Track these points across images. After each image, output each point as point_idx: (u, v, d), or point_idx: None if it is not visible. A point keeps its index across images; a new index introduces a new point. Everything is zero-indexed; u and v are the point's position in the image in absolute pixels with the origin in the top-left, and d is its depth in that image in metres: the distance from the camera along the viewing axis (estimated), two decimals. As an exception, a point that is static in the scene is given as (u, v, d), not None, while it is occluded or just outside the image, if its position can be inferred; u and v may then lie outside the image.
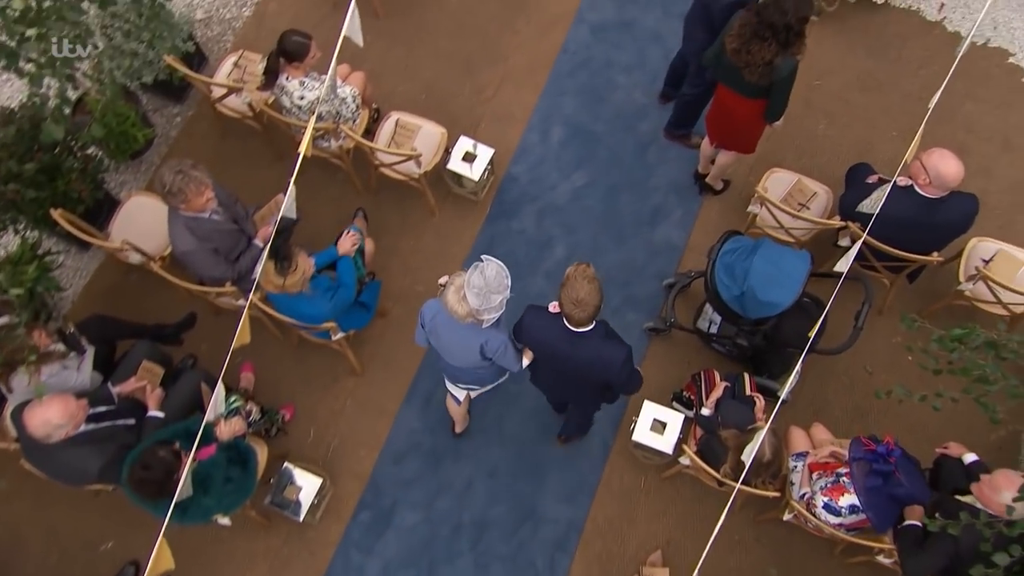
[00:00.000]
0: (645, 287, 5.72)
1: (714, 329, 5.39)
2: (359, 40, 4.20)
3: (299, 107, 5.25)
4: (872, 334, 5.45)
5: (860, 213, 4.85)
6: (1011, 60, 6.16)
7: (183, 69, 5.49)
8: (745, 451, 4.02)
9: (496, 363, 4.30)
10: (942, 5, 6.29)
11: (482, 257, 3.89)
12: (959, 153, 5.84)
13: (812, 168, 5.86)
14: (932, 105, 4.51)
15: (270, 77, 5.24)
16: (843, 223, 4.95)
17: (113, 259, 5.62)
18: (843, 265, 4.26)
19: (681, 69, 5.72)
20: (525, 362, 4.38)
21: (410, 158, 5.23)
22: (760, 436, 3.96)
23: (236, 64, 5.89)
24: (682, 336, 5.55)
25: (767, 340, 4.97)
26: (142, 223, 5.38)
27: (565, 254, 5.80)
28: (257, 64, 5.79)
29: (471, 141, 5.69)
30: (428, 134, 5.66)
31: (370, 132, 5.84)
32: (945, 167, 4.52)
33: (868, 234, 4.70)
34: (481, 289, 3.84)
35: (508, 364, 4.30)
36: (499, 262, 3.90)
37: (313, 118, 4.21)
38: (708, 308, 5.43)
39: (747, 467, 3.98)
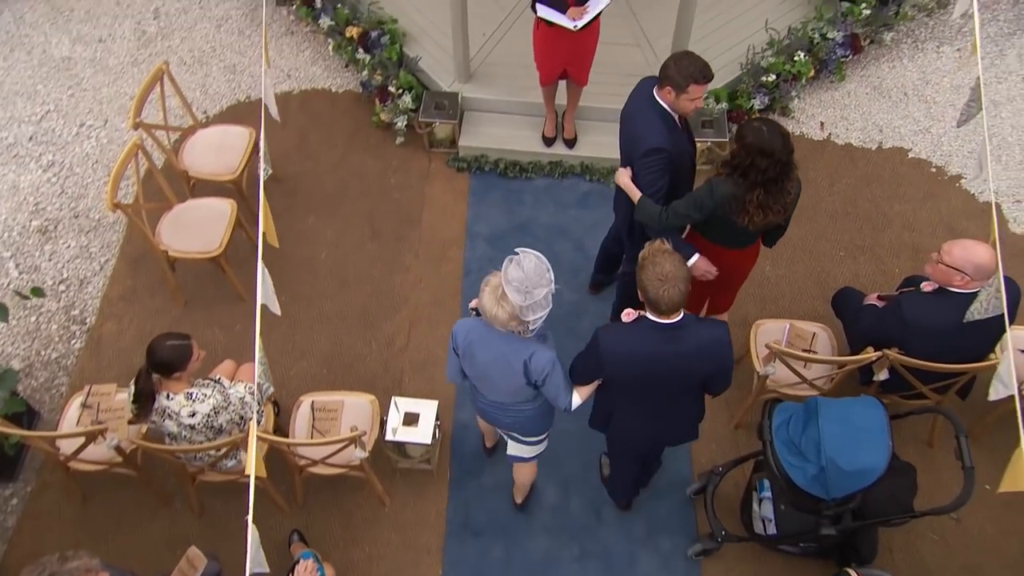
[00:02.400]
0: (664, 503, 4.68)
1: (772, 529, 4.36)
2: (276, 309, 3.24)
3: (191, 427, 4.01)
4: (931, 471, 4.65)
5: (887, 338, 4.17)
6: (911, 155, 5.98)
7: (16, 432, 4.17)
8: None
9: (543, 393, 3.67)
10: (822, 124, 6.11)
11: (517, 250, 3.39)
12: (915, 253, 5.56)
13: (783, 313, 5.24)
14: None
15: (145, 402, 4.01)
16: (879, 353, 4.22)
17: None
18: (998, 391, 3.60)
19: (615, 249, 5.02)
20: (577, 400, 3.67)
21: (352, 441, 4.05)
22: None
23: (85, 405, 4.57)
24: (737, 549, 4.49)
25: (857, 518, 4.00)
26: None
27: (555, 497, 4.71)
28: (113, 396, 4.55)
29: (406, 400, 4.62)
30: (355, 407, 4.54)
31: (279, 430, 4.65)
32: (977, 255, 3.95)
33: (913, 355, 4.04)
34: (522, 283, 3.31)
35: (557, 392, 3.62)
36: (537, 253, 3.39)
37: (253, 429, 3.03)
38: (755, 505, 4.44)
39: None
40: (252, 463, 3.33)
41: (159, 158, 5.80)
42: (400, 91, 5.87)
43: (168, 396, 4.01)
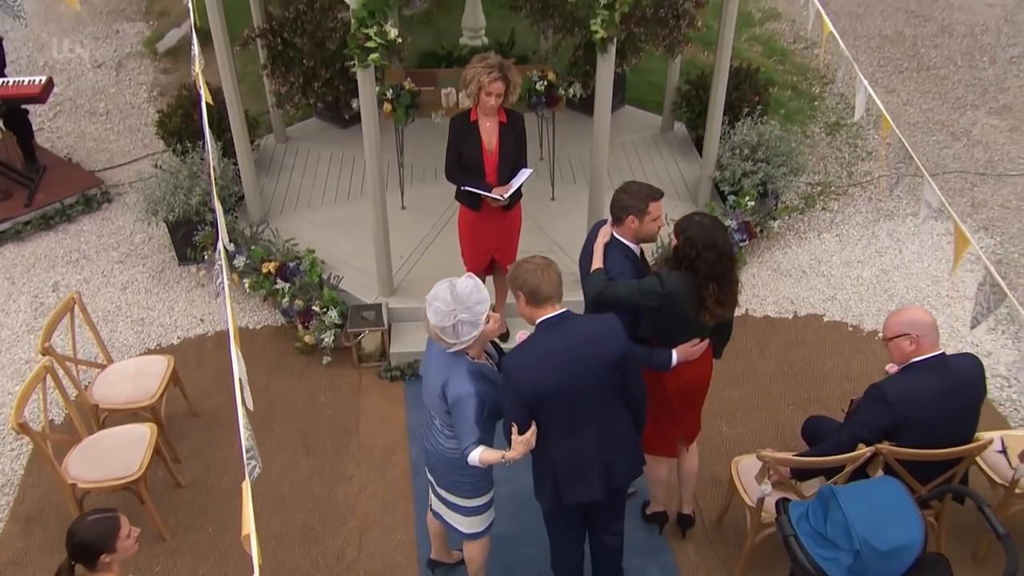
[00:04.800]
0: None
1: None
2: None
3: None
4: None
5: (879, 428, 4.03)
6: (826, 319, 6.23)
7: None
8: None
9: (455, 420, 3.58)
10: (736, 303, 6.36)
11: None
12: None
13: (753, 463, 5.03)
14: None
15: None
16: (871, 450, 4.03)
17: None
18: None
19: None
20: (478, 453, 3.52)
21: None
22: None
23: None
24: None
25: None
26: None
27: None
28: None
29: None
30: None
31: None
32: (908, 314, 4.02)
33: (906, 440, 3.92)
34: (447, 303, 3.46)
35: (462, 427, 3.54)
36: (477, 282, 3.54)
37: None
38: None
39: None
40: None
41: (69, 387, 5.32)
42: (324, 309, 5.77)
43: (94, 598, 3.32)
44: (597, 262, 4.06)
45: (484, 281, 5.63)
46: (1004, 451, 4.53)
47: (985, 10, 10.01)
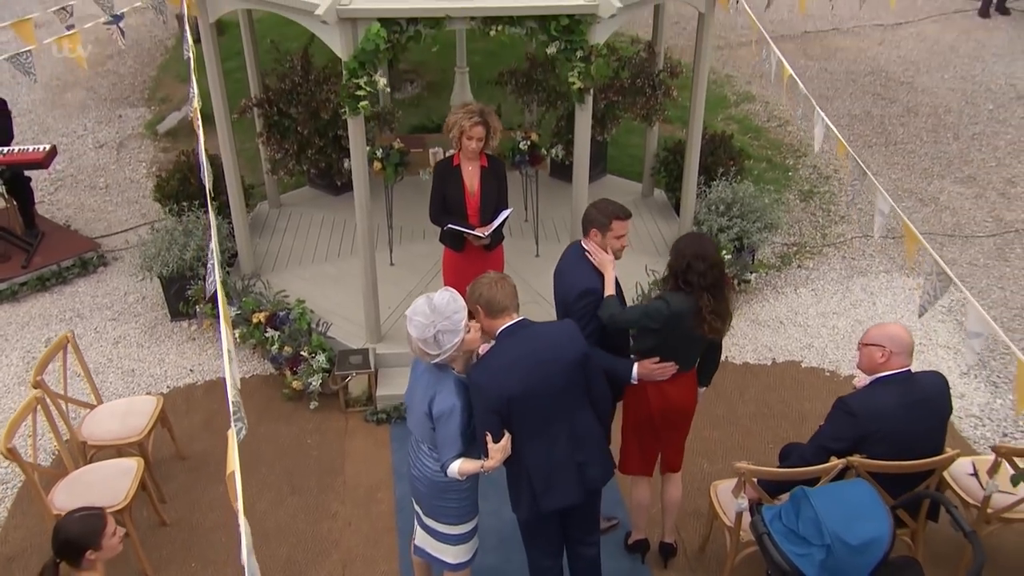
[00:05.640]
0: None
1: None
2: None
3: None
4: None
5: (846, 440, 4.13)
6: (804, 365, 6.38)
7: None
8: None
9: (436, 437, 3.72)
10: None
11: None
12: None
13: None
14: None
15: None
16: (843, 462, 4.12)
17: None
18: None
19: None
20: (457, 465, 3.66)
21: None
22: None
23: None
24: None
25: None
26: None
27: None
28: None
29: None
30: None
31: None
32: (890, 329, 4.17)
33: (873, 451, 4.04)
34: (426, 316, 3.59)
35: (446, 439, 3.68)
36: (453, 293, 3.68)
37: None
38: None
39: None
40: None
41: (59, 424, 5.37)
42: (312, 353, 5.90)
43: (78, 592, 3.35)
44: (609, 288, 4.26)
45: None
46: (975, 474, 4.64)
47: (947, 94, 10.52)
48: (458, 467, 3.67)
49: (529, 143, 6.70)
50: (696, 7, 6.17)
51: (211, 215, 4.78)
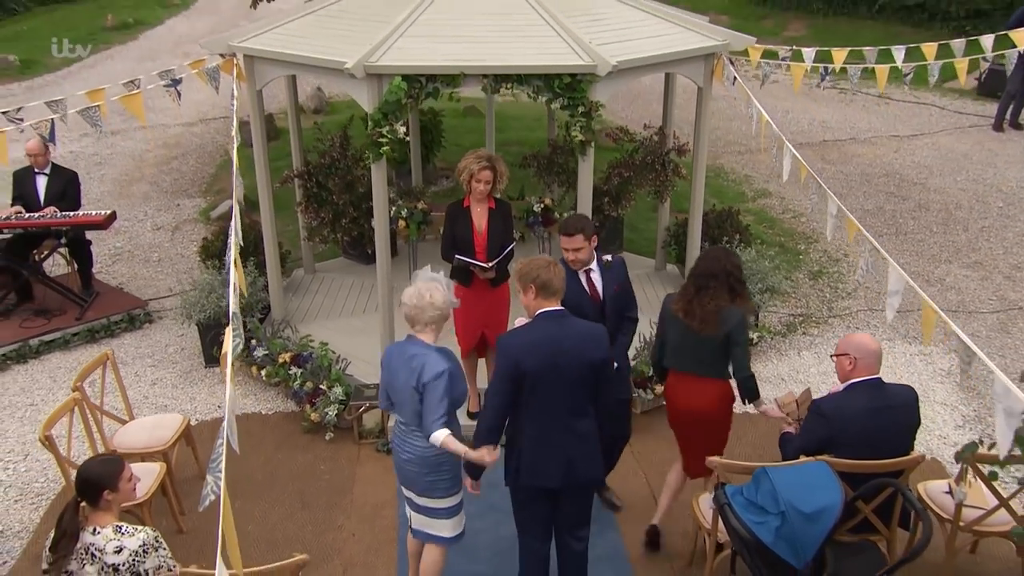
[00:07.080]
0: None
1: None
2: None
3: (115, 568, 3.64)
4: None
5: (818, 440, 4.38)
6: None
7: None
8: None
9: (423, 403, 4.05)
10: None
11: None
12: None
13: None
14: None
15: (67, 544, 3.68)
16: (813, 460, 4.34)
17: None
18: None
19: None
20: (443, 434, 3.98)
21: None
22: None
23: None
24: None
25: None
26: None
27: None
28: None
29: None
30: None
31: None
32: (858, 338, 4.53)
33: (842, 451, 4.28)
34: (416, 288, 4.20)
35: (432, 403, 4.00)
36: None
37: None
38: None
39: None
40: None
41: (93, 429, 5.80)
42: (331, 386, 6.30)
43: (94, 531, 3.71)
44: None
45: (476, 364, 6.19)
46: (950, 491, 4.78)
47: (959, 193, 10.92)
48: (442, 439, 3.99)
49: (543, 206, 7.24)
50: (694, 81, 6.77)
51: (232, 249, 5.20)
